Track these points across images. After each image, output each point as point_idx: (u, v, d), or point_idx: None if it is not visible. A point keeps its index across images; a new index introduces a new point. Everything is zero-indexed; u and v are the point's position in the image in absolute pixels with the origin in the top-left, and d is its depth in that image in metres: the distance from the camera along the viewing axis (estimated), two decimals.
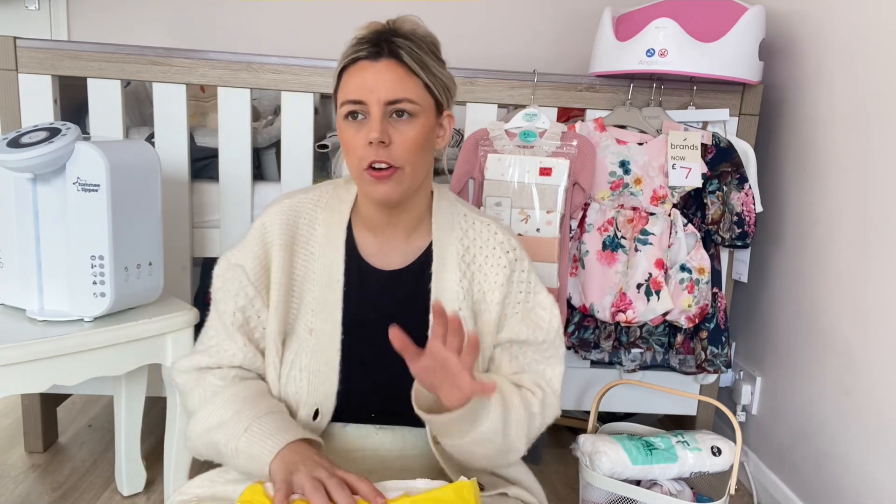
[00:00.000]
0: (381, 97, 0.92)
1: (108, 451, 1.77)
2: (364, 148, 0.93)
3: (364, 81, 0.92)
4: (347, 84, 0.94)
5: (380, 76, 0.92)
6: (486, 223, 1.06)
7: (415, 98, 0.94)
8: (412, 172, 0.95)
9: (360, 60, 0.94)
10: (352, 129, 0.94)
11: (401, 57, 0.93)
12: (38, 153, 1.18)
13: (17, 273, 1.32)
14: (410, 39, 0.95)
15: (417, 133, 0.94)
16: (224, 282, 1.01)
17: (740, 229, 1.60)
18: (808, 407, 1.57)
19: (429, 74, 0.95)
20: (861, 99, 1.43)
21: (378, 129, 0.91)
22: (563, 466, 1.83)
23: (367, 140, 0.91)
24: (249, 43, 2.49)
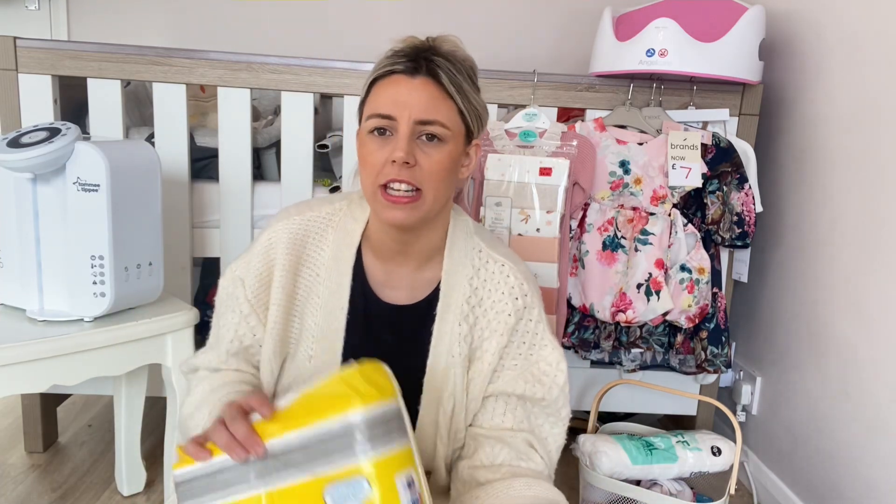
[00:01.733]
0: (413, 115, 0.86)
1: (108, 451, 1.77)
2: (385, 165, 0.87)
3: (397, 96, 0.87)
4: (378, 97, 0.89)
5: (414, 93, 0.87)
6: (501, 263, 0.99)
7: (447, 122, 0.88)
8: (433, 200, 0.89)
9: (396, 74, 0.88)
10: (375, 144, 0.88)
11: (439, 77, 0.88)
12: (38, 153, 1.18)
13: (17, 273, 1.32)
14: (450, 60, 0.89)
15: (444, 158, 0.89)
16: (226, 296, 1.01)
17: (740, 229, 1.60)
18: (808, 407, 1.57)
19: (464, 100, 0.90)
20: (861, 99, 1.43)
21: (404, 149, 0.86)
22: (563, 466, 1.82)
23: (391, 158, 0.86)
24: (249, 43, 2.49)
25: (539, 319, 0.98)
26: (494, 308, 0.97)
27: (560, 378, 0.97)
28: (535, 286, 1.01)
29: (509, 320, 0.96)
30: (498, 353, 0.96)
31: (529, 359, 0.97)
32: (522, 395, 0.96)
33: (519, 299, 0.97)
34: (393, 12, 2.49)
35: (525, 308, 0.97)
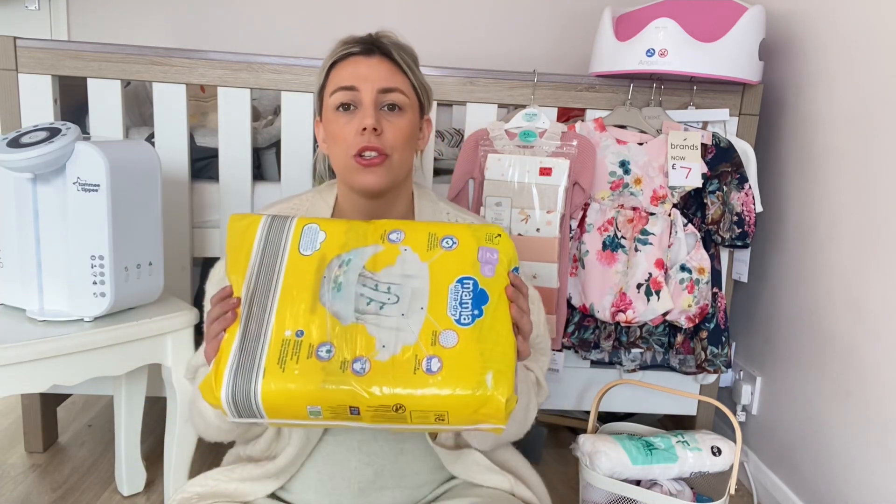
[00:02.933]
0: (375, 84, 0.96)
1: (108, 451, 1.77)
2: (355, 136, 0.96)
3: (357, 71, 0.97)
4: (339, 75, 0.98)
5: (373, 68, 0.97)
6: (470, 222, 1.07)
7: (405, 90, 0.99)
8: (399, 163, 0.99)
9: (353, 56, 0.99)
10: (342, 119, 0.97)
11: (392, 55, 0.99)
12: (38, 153, 1.18)
13: (17, 273, 1.32)
14: (396, 45, 1.01)
15: (406, 125, 0.99)
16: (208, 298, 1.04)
17: (740, 229, 1.60)
18: (808, 407, 1.57)
19: (414, 76, 1.02)
20: (861, 98, 1.43)
21: (373, 116, 0.95)
22: (563, 466, 1.83)
23: (361, 127, 0.95)
24: (249, 43, 2.49)
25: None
26: None
27: (542, 315, 1.08)
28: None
29: None
30: None
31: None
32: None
33: None
34: (393, 12, 2.49)
35: None
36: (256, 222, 0.88)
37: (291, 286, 0.83)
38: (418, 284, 0.83)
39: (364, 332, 0.80)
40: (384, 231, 0.87)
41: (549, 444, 1.93)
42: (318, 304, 0.82)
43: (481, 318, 0.81)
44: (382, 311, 0.81)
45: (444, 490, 1.03)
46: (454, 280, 0.83)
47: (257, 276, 0.84)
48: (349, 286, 0.83)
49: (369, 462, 0.98)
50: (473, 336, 0.80)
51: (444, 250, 0.85)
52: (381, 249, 0.85)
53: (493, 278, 0.84)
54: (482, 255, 0.85)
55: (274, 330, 0.81)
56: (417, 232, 0.87)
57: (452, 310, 0.81)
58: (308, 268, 0.84)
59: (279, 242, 0.86)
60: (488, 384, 0.77)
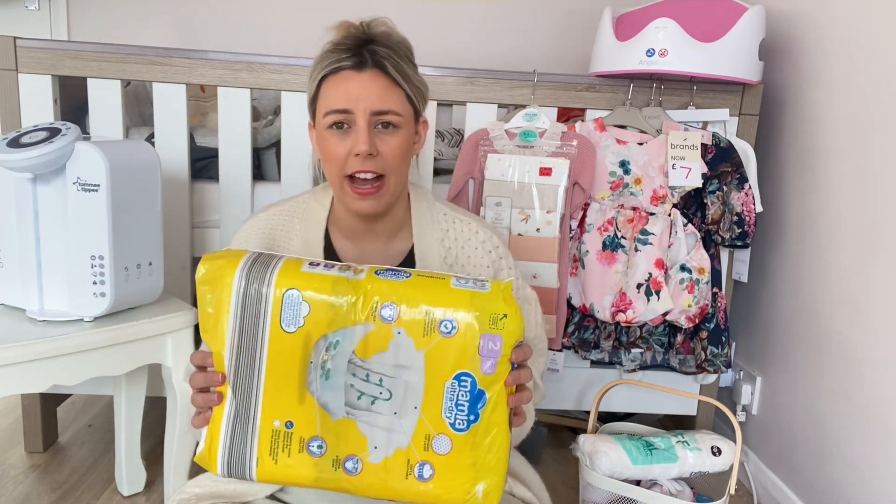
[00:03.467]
0: (368, 107, 0.91)
1: (108, 451, 1.77)
2: (348, 157, 0.92)
3: (349, 91, 0.92)
4: (330, 93, 0.93)
5: (365, 87, 0.92)
6: (467, 222, 1.05)
7: (399, 110, 0.94)
8: (396, 182, 0.96)
9: (344, 70, 0.93)
10: (335, 138, 0.93)
11: (385, 68, 0.93)
12: (38, 153, 1.18)
13: (17, 273, 1.32)
14: (390, 47, 0.95)
15: (401, 143, 0.95)
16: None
17: (740, 229, 1.60)
18: (808, 407, 1.57)
19: (409, 85, 0.96)
20: (861, 99, 1.43)
21: (366, 141, 0.91)
22: (563, 466, 1.83)
23: (354, 151, 0.91)
24: (249, 43, 2.49)
25: (513, 266, 1.06)
26: (472, 262, 1.03)
27: (539, 315, 1.05)
28: (502, 239, 1.08)
29: (488, 272, 1.03)
30: None
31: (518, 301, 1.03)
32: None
33: (492, 251, 1.03)
34: (393, 13, 2.48)
35: (501, 258, 1.04)
36: (229, 275, 0.80)
37: (276, 369, 0.79)
38: (412, 378, 0.79)
39: (355, 429, 0.79)
40: (375, 304, 0.79)
41: (549, 444, 1.93)
42: (307, 394, 0.79)
43: (477, 422, 0.79)
44: (374, 407, 0.79)
45: None
46: (451, 376, 0.78)
47: (238, 351, 0.80)
48: (338, 374, 0.79)
49: None
50: (468, 443, 0.79)
51: (441, 336, 0.78)
52: (371, 329, 0.79)
53: (493, 375, 0.78)
54: (484, 345, 0.78)
55: (262, 417, 0.80)
56: (413, 307, 0.78)
57: (447, 411, 0.79)
58: (292, 348, 0.79)
59: (258, 313, 0.79)
60: (478, 496, 0.79)
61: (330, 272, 0.80)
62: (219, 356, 0.81)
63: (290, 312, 0.79)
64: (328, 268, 0.81)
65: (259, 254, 0.83)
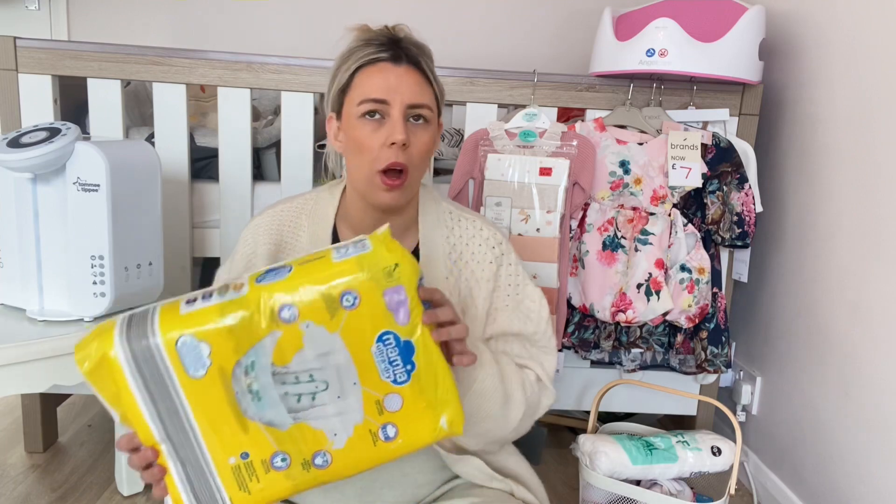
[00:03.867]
0: (405, 99, 0.93)
1: (108, 451, 1.77)
2: (382, 149, 0.93)
3: (387, 82, 0.93)
4: (367, 82, 0.94)
5: (402, 79, 0.94)
6: (472, 220, 1.07)
7: (431, 105, 0.96)
8: (417, 177, 0.98)
9: (381, 62, 0.94)
10: (369, 127, 0.94)
11: (420, 64, 0.96)
12: (38, 153, 1.18)
13: (17, 273, 1.32)
14: (419, 47, 0.97)
15: (429, 138, 0.97)
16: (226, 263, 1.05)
17: (740, 229, 1.60)
18: (808, 407, 1.57)
19: (437, 85, 0.99)
20: (861, 98, 1.43)
21: (403, 131, 0.92)
22: (563, 466, 1.83)
23: (390, 141, 0.92)
24: (249, 43, 2.49)
25: (516, 262, 1.07)
26: (475, 258, 1.04)
27: (544, 312, 1.06)
28: (505, 235, 1.10)
29: (491, 267, 1.04)
30: (488, 299, 1.03)
31: (517, 297, 1.05)
32: (519, 332, 1.04)
33: (495, 247, 1.05)
34: (393, 13, 2.49)
35: (503, 255, 1.05)
36: (112, 360, 0.75)
37: (205, 414, 0.77)
38: (339, 360, 0.77)
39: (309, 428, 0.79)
40: (271, 310, 0.75)
41: (549, 444, 1.93)
42: (247, 422, 0.78)
43: (415, 370, 0.79)
44: (316, 402, 0.78)
45: (445, 490, 1.03)
46: (374, 341, 0.78)
47: (160, 417, 0.77)
48: (268, 390, 0.77)
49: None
50: (415, 390, 0.79)
51: (348, 311, 0.76)
52: (279, 335, 0.76)
53: (410, 322, 0.78)
54: (389, 300, 0.77)
55: (215, 462, 0.78)
56: (308, 297, 0.75)
57: (384, 373, 0.78)
58: (211, 389, 0.76)
59: (160, 375, 0.75)
60: (443, 426, 0.81)
61: (210, 303, 0.76)
62: (144, 431, 0.78)
63: (191, 358, 0.75)
64: (206, 298, 0.77)
65: (129, 316, 0.78)
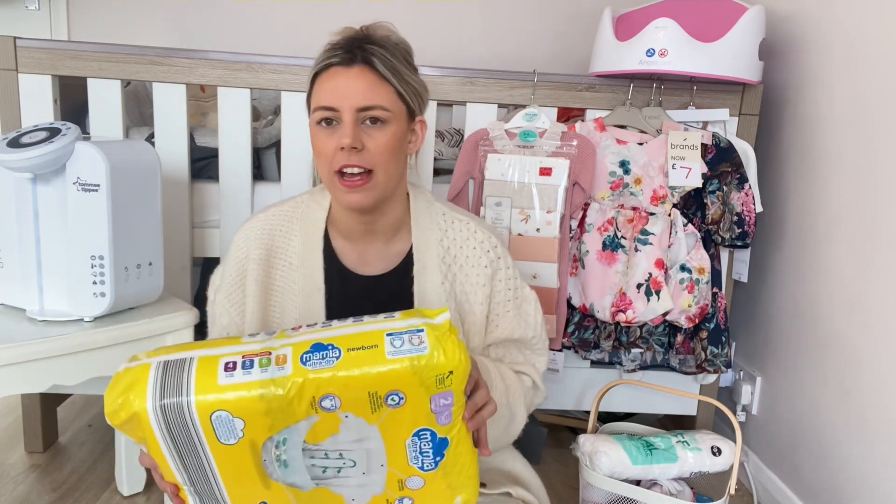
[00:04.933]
0: (354, 104, 0.92)
1: (108, 451, 1.77)
2: (335, 153, 0.93)
3: (336, 88, 0.93)
4: (320, 90, 0.95)
5: (352, 82, 0.93)
6: (465, 222, 1.06)
7: (387, 105, 0.94)
8: (385, 178, 0.96)
9: (333, 66, 0.95)
10: (323, 134, 0.95)
11: (373, 63, 0.94)
12: (38, 153, 1.18)
13: (17, 273, 1.32)
14: (384, 46, 0.96)
15: (389, 138, 0.95)
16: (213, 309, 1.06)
17: (740, 229, 1.60)
18: (808, 407, 1.57)
19: (401, 81, 0.96)
20: (861, 99, 1.43)
21: (350, 135, 0.92)
22: (563, 466, 1.83)
23: (339, 145, 0.92)
24: (249, 43, 2.49)
25: (513, 265, 1.07)
26: (470, 262, 1.03)
27: (539, 316, 1.07)
28: (500, 237, 1.10)
29: (486, 272, 1.03)
30: (486, 303, 1.03)
31: (517, 301, 1.06)
32: (520, 338, 1.06)
33: (490, 251, 1.04)
34: (393, 13, 2.49)
35: (499, 258, 1.05)
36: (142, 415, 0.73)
37: (231, 472, 0.77)
38: (372, 446, 0.76)
39: (329, 493, 0.79)
40: (312, 398, 0.73)
41: (549, 444, 1.93)
42: (271, 482, 0.77)
43: (444, 459, 0.78)
44: (341, 475, 0.78)
45: None
46: (409, 435, 0.76)
47: (186, 470, 0.77)
48: (296, 461, 0.76)
49: None
50: (438, 476, 0.79)
51: (391, 408, 0.74)
52: (316, 420, 0.74)
53: (450, 423, 0.77)
54: (436, 405, 0.75)
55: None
56: (354, 392, 0.73)
57: (413, 460, 0.78)
58: (240, 455, 0.75)
59: (189, 435, 0.74)
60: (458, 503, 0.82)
61: (251, 376, 0.73)
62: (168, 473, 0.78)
63: (224, 430, 0.74)
64: (247, 369, 0.74)
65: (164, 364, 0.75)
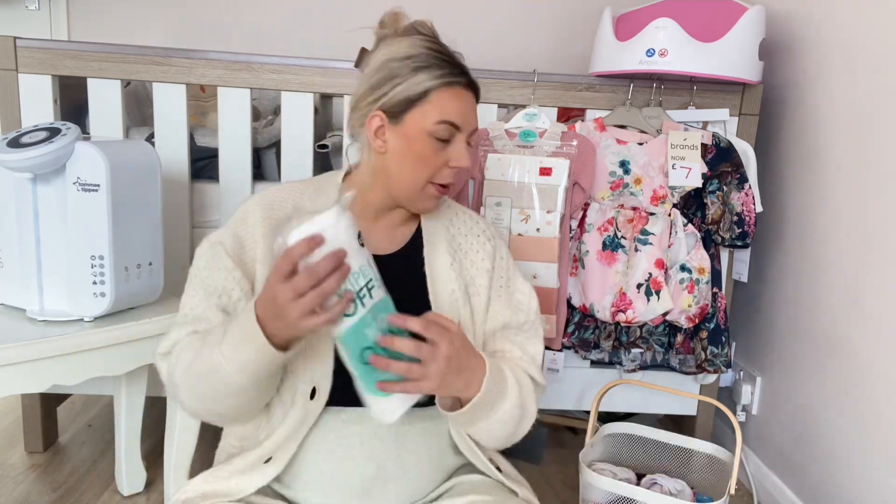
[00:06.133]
0: (471, 127, 1.01)
1: (108, 451, 1.77)
2: (442, 167, 1.00)
3: (463, 109, 0.99)
4: (447, 104, 0.97)
5: (472, 108, 1.01)
6: (470, 214, 1.13)
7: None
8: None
9: (459, 87, 0.99)
10: (436, 146, 0.99)
11: (478, 92, 1.03)
12: (38, 153, 1.18)
13: (17, 273, 1.32)
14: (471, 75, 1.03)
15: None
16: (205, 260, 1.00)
17: (740, 229, 1.60)
18: (808, 407, 1.57)
19: None
20: (861, 99, 1.43)
21: (468, 158, 1.00)
22: (563, 466, 1.83)
23: (455, 164, 0.99)
24: (249, 43, 2.49)
25: (507, 257, 1.12)
26: (474, 248, 1.08)
27: (534, 304, 1.10)
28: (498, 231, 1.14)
29: (490, 257, 1.09)
30: (487, 287, 1.07)
31: (508, 290, 1.09)
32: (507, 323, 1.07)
33: (491, 241, 1.10)
34: None
35: (496, 249, 1.10)
36: None
37: None
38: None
39: None
40: None
41: (549, 444, 1.93)
42: None
43: None
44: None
45: (447, 487, 1.03)
46: None
47: None
48: None
49: (371, 457, 0.98)
50: None
51: None
52: None
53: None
54: None
55: None
56: None
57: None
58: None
59: None
60: None
61: None
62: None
63: None
64: None
65: None
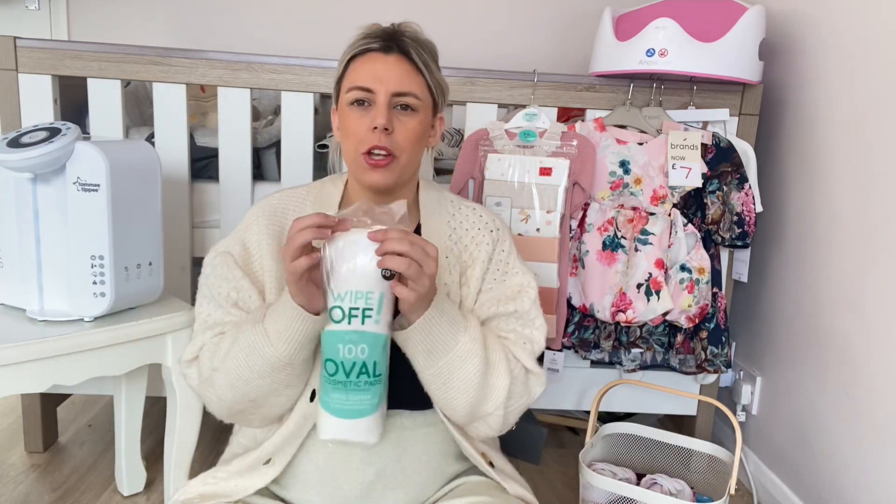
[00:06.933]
0: (390, 88, 0.97)
1: (108, 451, 1.77)
2: (366, 133, 0.97)
3: (374, 71, 0.98)
4: (357, 72, 0.99)
5: (390, 68, 0.98)
6: (472, 207, 1.11)
7: (419, 94, 1.00)
8: (407, 162, 1.00)
9: (371, 52, 1.00)
10: (356, 114, 0.99)
11: (410, 55, 1.00)
12: (38, 153, 1.18)
13: (17, 273, 1.32)
14: (416, 41, 1.01)
15: (416, 126, 1.00)
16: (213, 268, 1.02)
17: (740, 229, 1.60)
18: (808, 407, 1.57)
19: (431, 75, 1.02)
20: (861, 99, 1.43)
21: (385, 116, 0.96)
22: (563, 466, 1.83)
23: (373, 125, 0.97)
24: (249, 43, 2.49)
25: (510, 251, 1.09)
26: (474, 241, 1.07)
27: (532, 293, 1.06)
28: (505, 224, 1.12)
29: (488, 248, 1.07)
30: (481, 278, 1.06)
31: (502, 284, 1.07)
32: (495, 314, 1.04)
33: (493, 231, 1.08)
34: (393, 12, 2.49)
35: (498, 240, 1.08)
36: None
37: None
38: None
39: None
40: None
41: (549, 444, 1.93)
42: None
43: None
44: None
45: (446, 491, 1.03)
46: None
47: None
48: None
49: (371, 462, 0.98)
50: None
51: None
52: None
53: None
54: None
55: None
56: None
57: None
58: None
59: None
60: None
61: None
62: None
63: None
64: None
65: None
